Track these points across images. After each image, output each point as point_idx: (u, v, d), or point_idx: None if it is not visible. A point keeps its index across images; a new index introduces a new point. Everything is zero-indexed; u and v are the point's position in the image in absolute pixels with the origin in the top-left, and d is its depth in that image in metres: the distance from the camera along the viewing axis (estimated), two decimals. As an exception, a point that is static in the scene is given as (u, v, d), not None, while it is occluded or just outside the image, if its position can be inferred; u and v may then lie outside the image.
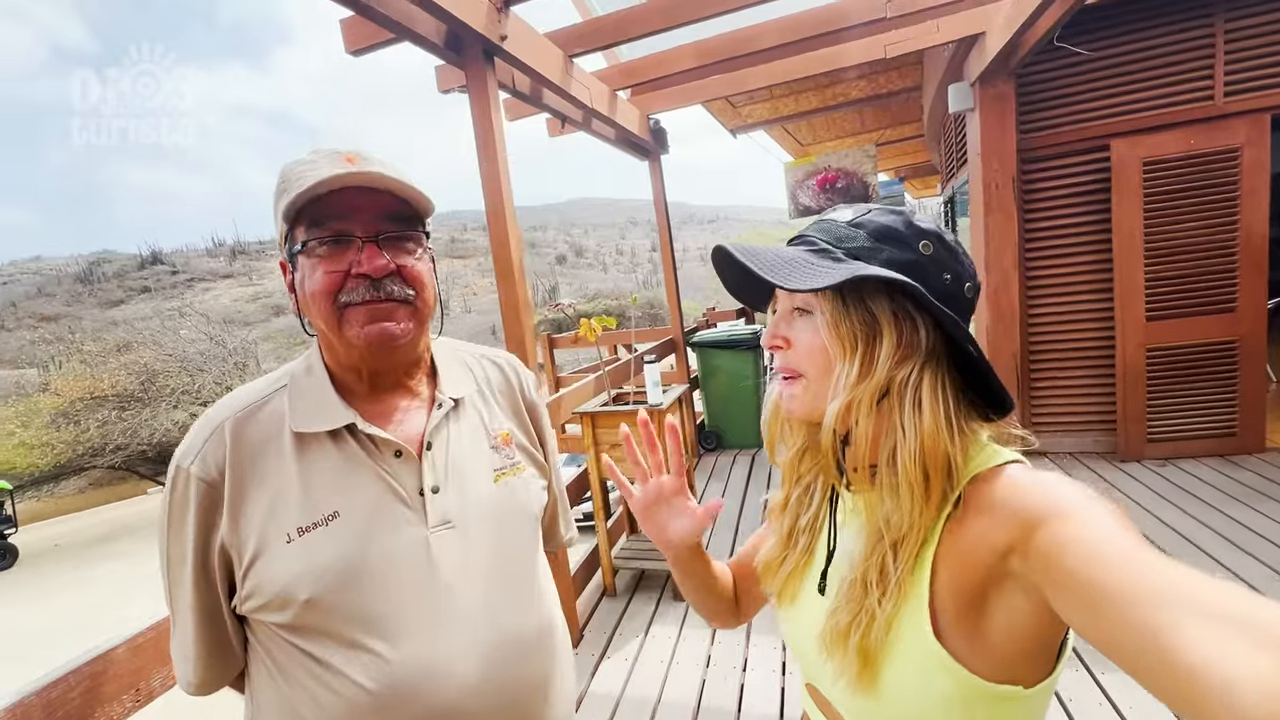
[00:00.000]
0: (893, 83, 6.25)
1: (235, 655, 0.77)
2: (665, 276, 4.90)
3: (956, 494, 0.53)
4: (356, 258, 0.72)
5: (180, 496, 0.72)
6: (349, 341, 0.74)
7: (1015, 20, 2.88)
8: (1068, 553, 0.42)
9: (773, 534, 0.72)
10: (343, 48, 2.43)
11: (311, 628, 0.70)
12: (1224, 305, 3.56)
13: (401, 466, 0.76)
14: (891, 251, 0.56)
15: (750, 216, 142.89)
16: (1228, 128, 3.42)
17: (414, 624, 0.72)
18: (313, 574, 0.69)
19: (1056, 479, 0.49)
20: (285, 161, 0.75)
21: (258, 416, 0.75)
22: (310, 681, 0.71)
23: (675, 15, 2.86)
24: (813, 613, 0.64)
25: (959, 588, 0.51)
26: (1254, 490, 3.25)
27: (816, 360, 0.58)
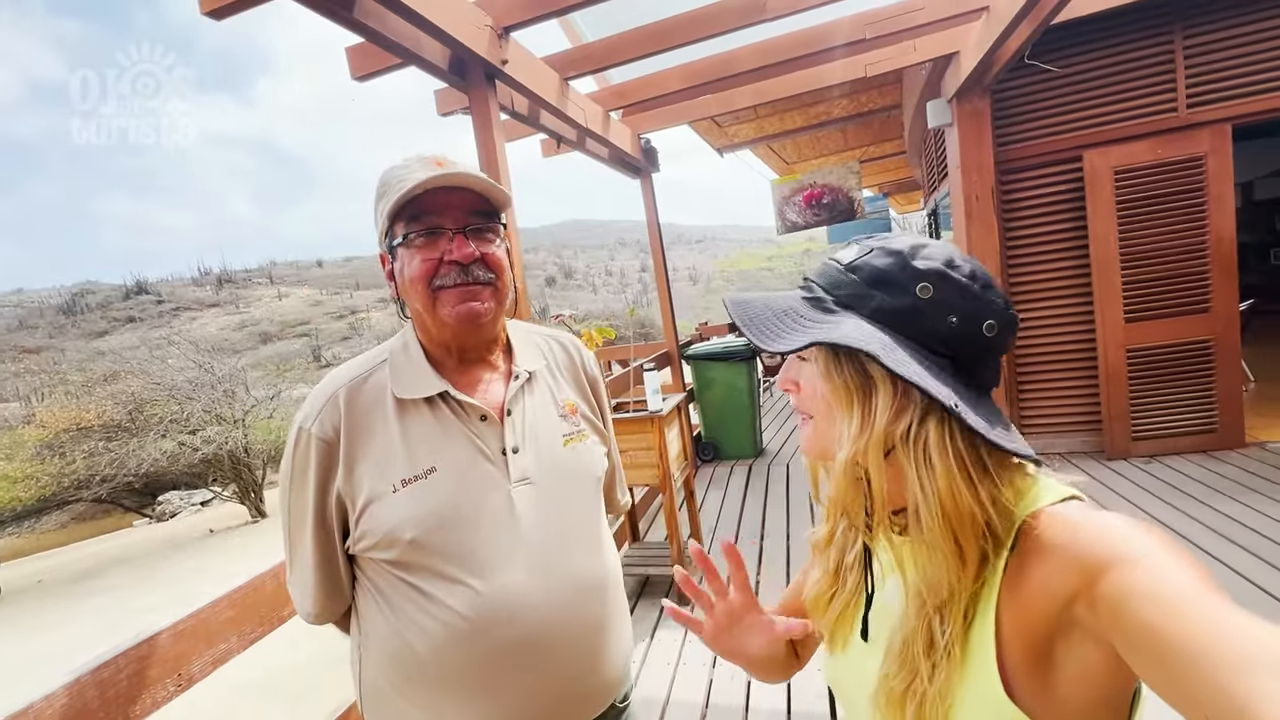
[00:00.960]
0: (873, 101, 6.46)
1: (345, 591, 0.90)
2: (659, 290, 5.00)
3: (1012, 536, 0.51)
4: (448, 247, 0.84)
5: (302, 454, 0.85)
6: (441, 320, 0.86)
7: (986, 40, 3.04)
8: (1137, 603, 0.40)
9: (817, 568, 0.70)
10: (348, 73, 2.53)
11: (415, 564, 0.83)
12: (1198, 306, 3.70)
13: (487, 429, 0.89)
14: (883, 298, 0.54)
15: (737, 236, 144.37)
16: (1192, 137, 3.60)
17: (500, 563, 0.84)
18: (415, 518, 0.82)
19: (1116, 519, 0.46)
20: (383, 169, 0.88)
21: (365, 386, 0.88)
22: (414, 610, 0.83)
23: (663, 40, 3.00)
24: (862, 664, 0.62)
25: (1025, 639, 0.48)
26: (1237, 484, 3.36)
27: (819, 405, 0.58)
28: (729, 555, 0.69)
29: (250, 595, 1.22)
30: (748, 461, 5.11)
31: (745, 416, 5.14)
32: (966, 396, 0.52)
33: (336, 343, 59.08)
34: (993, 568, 0.51)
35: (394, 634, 0.84)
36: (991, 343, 0.53)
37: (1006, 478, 0.52)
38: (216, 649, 1.13)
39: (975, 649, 0.51)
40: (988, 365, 0.55)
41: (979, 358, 0.54)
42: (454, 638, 0.82)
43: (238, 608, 1.19)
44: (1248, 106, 3.54)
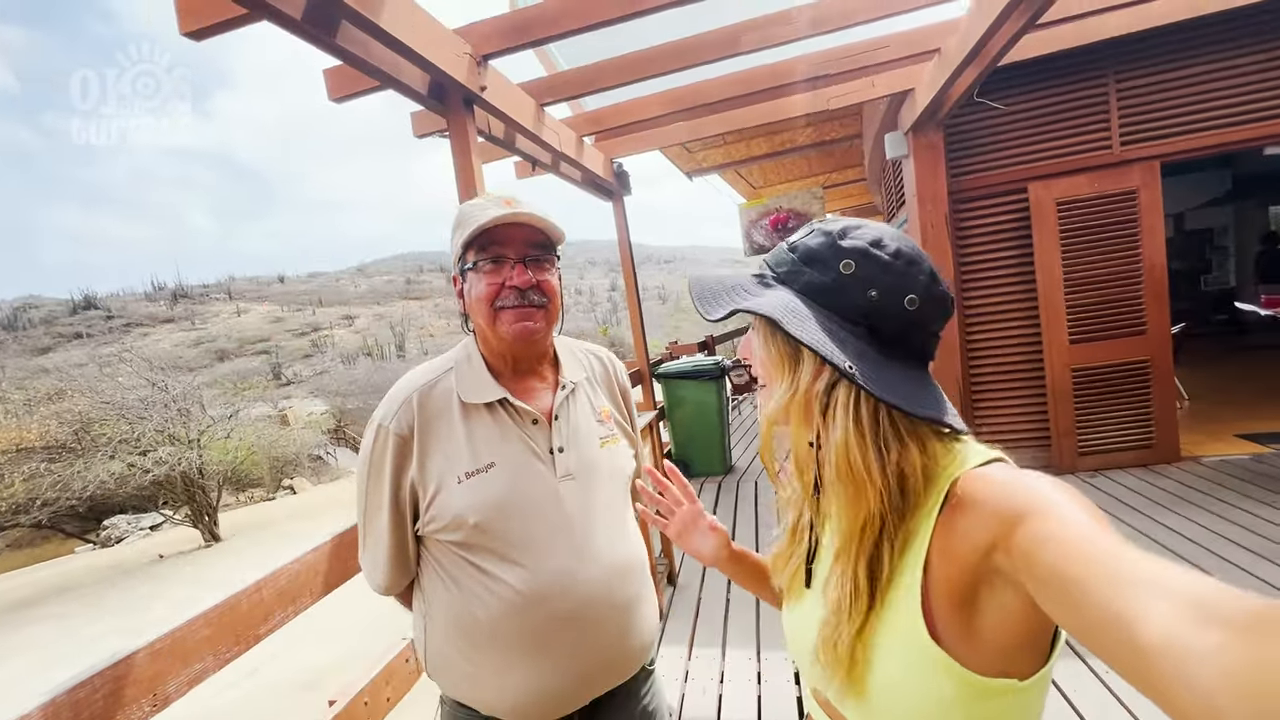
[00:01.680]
0: (835, 131, 6.73)
1: (411, 567, 1.04)
2: (630, 310, 5.08)
3: (941, 496, 0.55)
4: (510, 274, 0.99)
5: (380, 447, 0.99)
6: (500, 335, 1.01)
7: (938, 79, 3.24)
8: (1046, 548, 0.44)
9: (780, 527, 0.78)
10: (326, 94, 2.56)
11: (477, 544, 0.97)
12: (1135, 329, 3.95)
13: (538, 431, 1.04)
14: (812, 274, 0.60)
15: (705, 257, 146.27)
16: (1125, 173, 3.87)
17: (550, 546, 0.99)
18: (478, 505, 0.96)
19: (1036, 476, 0.51)
20: (461, 205, 1.05)
21: (434, 391, 1.02)
22: (475, 585, 0.97)
23: (638, 70, 3.11)
24: (809, 613, 0.68)
25: (951, 586, 0.53)
26: (1174, 496, 3.57)
27: (766, 371, 0.65)
28: (672, 475, 0.94)
29: (226, 614, 1.22)
30: (717, 478, 5.18)
31: (715, 434, 5.22)
32: (879, 364, 0.56)
33: (297, 360, 57.38)
34: (924, 525, 0.55)
35: (458, 604, 0.98)
36: (914, 316, 0.58)
37: (924, 442, 0.57)
38: (192, 668, 1.13)
39: (899, 596, 0.55)
40: (914, 338, 0.59)
41: (903, 330, 0.58)
42: (509, 609, 0.95)
43: (214, 626, 1.19)
44: (1174, 145, 3.83)
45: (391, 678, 1.73)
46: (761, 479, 4.99)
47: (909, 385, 0.57)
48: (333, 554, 1.54)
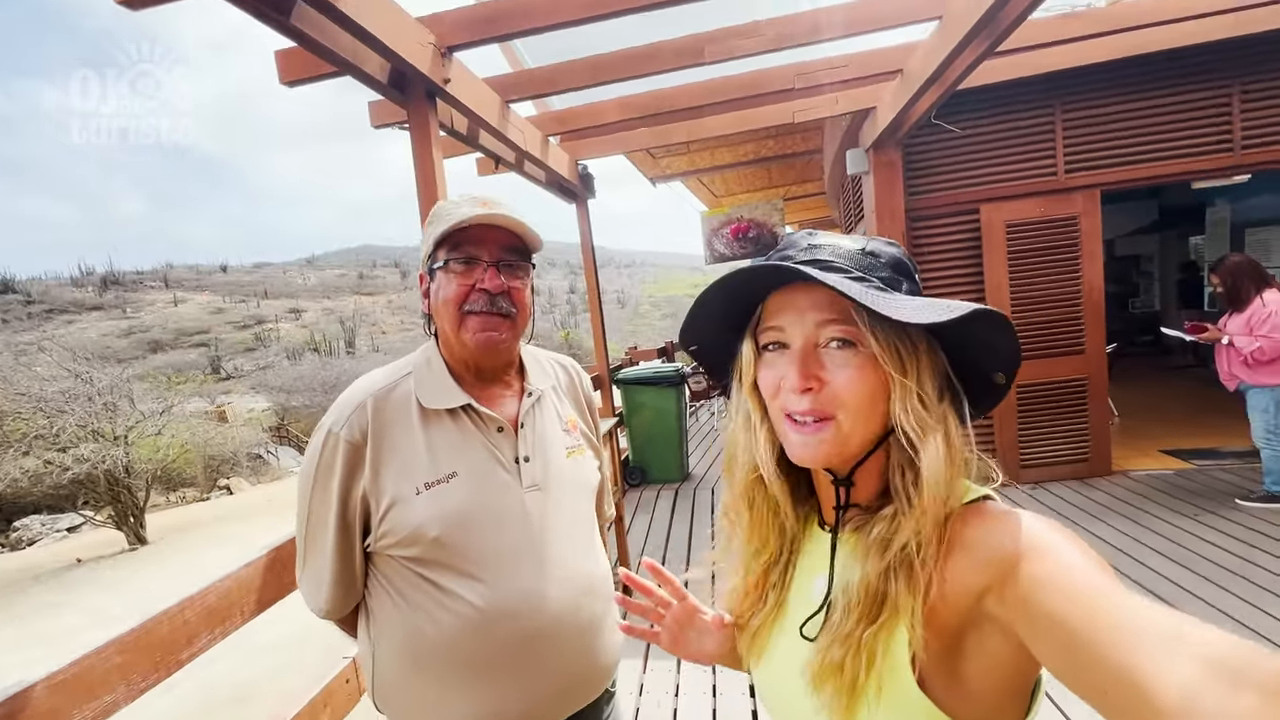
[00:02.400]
0: (797, 145, 6.86)
1: (358, 588, 0.96)
2: (592, 315, 5.02)
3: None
4: (481, 276, 0.94)
5: (329, 455, 0.91)
6: (464, 342, 0.96)
7: (900, 99, 3.33)
8: (1044, 595, 0.42)
9: (737, 591, 0.70)
10: (276, 77, 2.42)
11: (434, 560, 0.90)
12: (1074, 348, 4.15)
13: (503, 440, 0.98)
14: (909, 284, 0.57)
15: (664, 262, 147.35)
16: (1069, 199, 4.06)
17: (515, 561, 0.93)
18: (438, 518, 0.89)
19: (1031, 517, 0.48)
20: (438, 202, 1.01)
21: (391, 396, 0.95)
22: (430, 603, 0.90)
23: (605, 73, 3.08)
24: (790, 656, 0.62)
25: (938, 630, 0.50)
26: (1105, 508, 3.75)
27: (858, 397, 0.53)
28: (654, 573, 0.76)
29: (143, 639, 1.11)
30: (674, 485, 5.17)
31: (673, 440, 5.21)
32: None
33: (239, 354, 54.76)
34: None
35: (407, 624, 0.91)
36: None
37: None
38: (100, 701, 1.02)
39: (896, 636, 0.52)
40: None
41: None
42: (467, 628, 0.90)
43: (128, 653, 1.08)
44: (1113, 175, 4.04)
45: (330, 699, 1.63)
46: (719, 487, 5.01)
47: None
48: (268, 569, 1.43)
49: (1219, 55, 3.77)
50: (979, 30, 2.45)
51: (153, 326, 63.68)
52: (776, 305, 0.57)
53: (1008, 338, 0.53)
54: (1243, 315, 3.40)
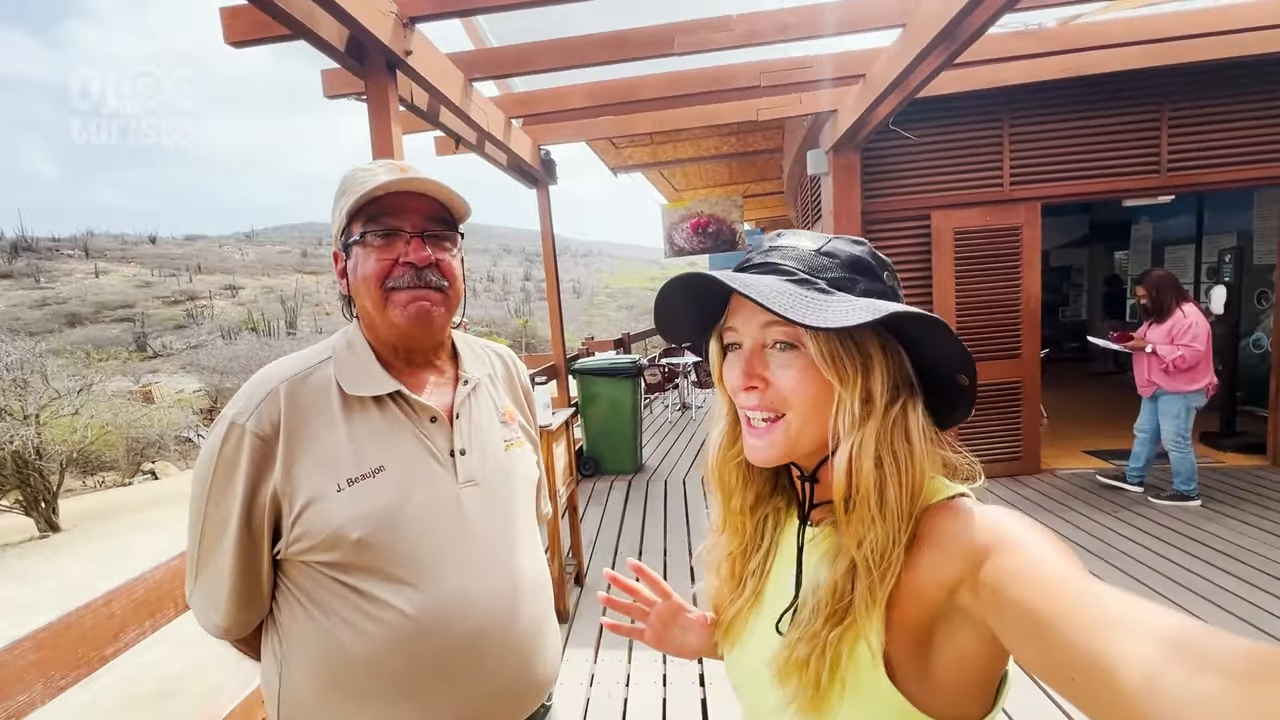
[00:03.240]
0: (758, 143, 6.94)
1: (264, 602, 0.84)
2: (550, 304, 4.96)
3: (912, 523, 0.53)
4: (404, 249, 0.85)
5: (231, 451, 0.79)
6: (391, 321, 0.86)
7: (862, 103, 3.40)
8: (1014, 585, 0.42)
9: (714, 576, 0.71)
10: (222, 37, 2.27)
11: (357, 565, 0.80)
12: (1011, 352, 4.36)
13: (436, 430, 0.89)
14: (866, 283, 0.56)
15: (620, 253, 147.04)
16: (1013, 210, 4.26)
17: (448, 563, 0.84)
18: (362, 517, 0.79)
19: (1002, 512, 0.49)
20: (347, 169, 0.89)
21: (308, 382, 0.84)
22: (352, 613, 0.80)
23: (572, 57, 3.02)
24: (762, 646, 0.63)
25: (909, 625, 0.51)
26: (1035, 505, 3.97)
27: (802, 397, 0.55)
28: (639, 572, 0.79)
29: (64, 633, 1.03)
30: (628, 477, 5.18)
31: (628, 432, 5.21)
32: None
33: (168, 331, 51.56)
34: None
35: (324, 638, 0.81)
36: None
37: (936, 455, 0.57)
38: (14, 700, 0.94)
39: (867, 629, 0.52)
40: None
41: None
42: (396, 638, 0.80)
43: (45, 649, 1.00)
44: (1054, 189, 4.26)
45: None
46: (672, 479, 5.05)
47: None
48: (204, 559, 1.35)
49: (1151, 81, 4.02)
50: (940, 40, 2.52)
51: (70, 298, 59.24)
52: (733, 307, 0.60)
53: (947, 338, 0.54)
54: (1164, 326, 3.65)
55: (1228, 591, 2.79)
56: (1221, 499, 3.86)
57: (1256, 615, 2.59)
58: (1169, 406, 3.72)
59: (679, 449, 6.08)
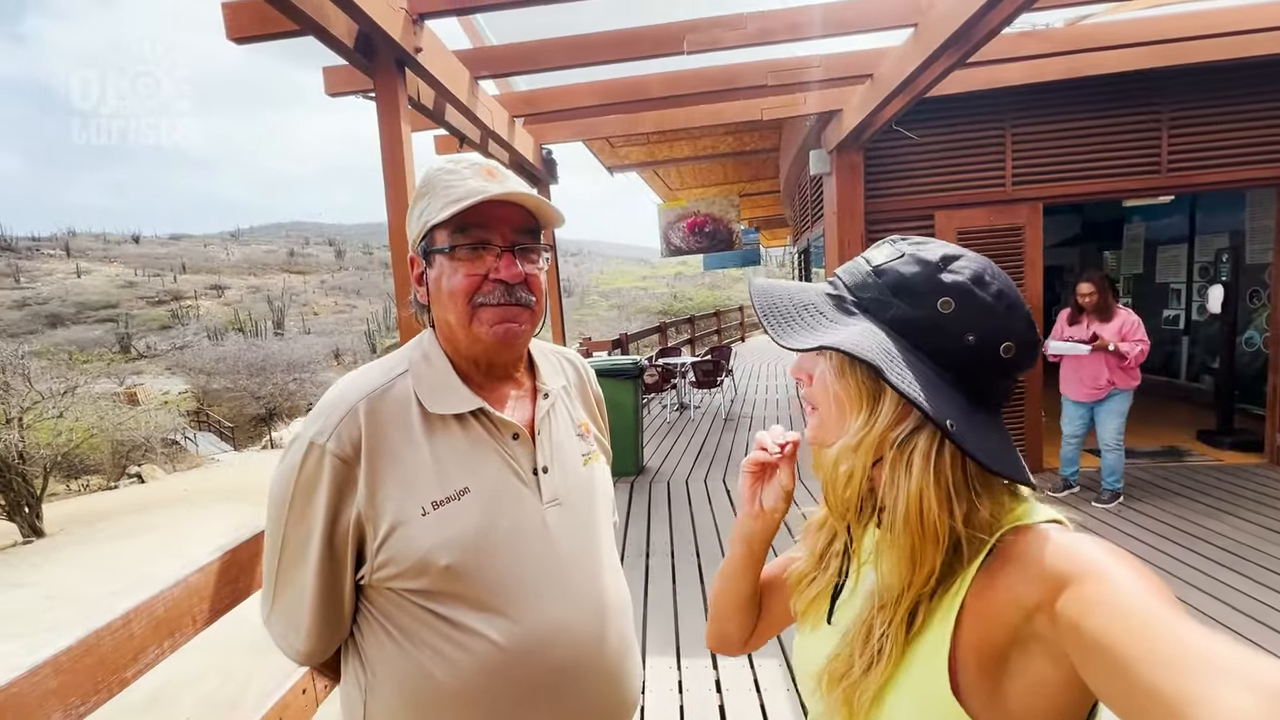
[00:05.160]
0: (755, 142, 6.93)
1: (345, 624, 0.81)
2: (551, 304, 4.91)
3: (988, 548, 0.51)
4: (495, 264, 0.81)
5: (311, 472, 0.76)
6: (476, 337, 0.82)
7: (869, 103, 3.39)
8: (1096, 614, 0.40)
9: (804, 549, 0.73)
10: (224, 32, 2.21)
11: (446, 592, 0.77)
12: (1014, 352, 4.38)
13: (519, 448, 0.85)
14: (902, 307, 0.54)
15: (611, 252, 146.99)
16: (1015, 210, 4.28)
17: (538, 589, 0.81)
18: (450, 543, 0.76)
19: (1089, 539, 0.48)
20: (429, 167, 0.84)
21: (387, 398, 0.80)
22: (441, 642, 0.77)
23: (579, 55, 2.99)
24: (822, 648, 0.63)
25: (982, 643, 0.49)
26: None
27: (826, 399, 0.59)
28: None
29: (83, 658, 0.98)
30: (629, 479, 5.15)
31: (629, 434, 5.18)
32: (968, 413, 0.51)
33: (152, 332, 50.82)
34: (962, 576, 0.52)
35: (412, 668, 0.77)
36: (1006, 364, 0.53)
37: (990, 495, 0.53)
38: (34, 731, 0.89)
39: (925, 649, 0.52)
40: (1000, 386, 0.55)
41: (991, 377, 0.54)
42: (486, 668, 0.77)
43: (65, 675, 0.95)
44: (1055, 189, 4.28)
45: (285, 713, 1.50)
46: (674, 481, 5.02)
47: (994, 438, 0.53)
48: (222, 574, 1.31)
49: (1153, 82, 4.04)
50: (952, 42, 2.51)
51: (51, 299, 58.23)
52: None
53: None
54: (1112, 324, 3.65)
55: (1232, 588, 2.81)
56: (1221, 497, 3.89)
57: (1262, 611, 2.61)
58: (1119, 405, 3.75)
59: (679, 450, 6.05)
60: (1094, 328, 3.70)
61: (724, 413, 7.70)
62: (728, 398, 8.41)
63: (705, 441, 6.30)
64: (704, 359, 8.16)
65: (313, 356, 33.13)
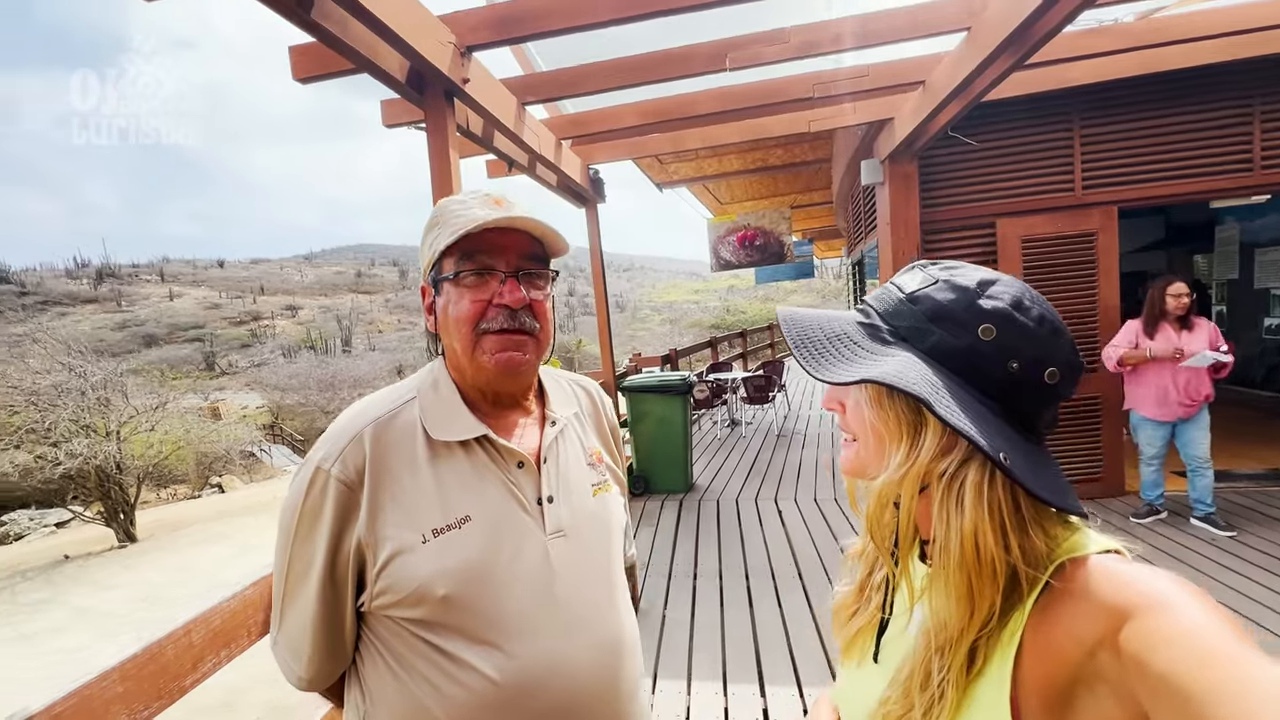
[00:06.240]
0: (806, 153, 6.83)
1: (347, 652, 0.81)
2: (599, 321, 4.97)
3: (1043, 582, 0.49)
4: (499, 289, 0.81)
5: (316, 497, 0.76)
6: (480, 365, 0.82)
7: (922, 111, 3.28)
8: (1160, 652, 0.38)
9: (846, 579, 0.71)
10: (290, 73, 2.36)
11: (442, 623, 0.75)
12: (1089, 366, 4.10)
13: (523, 476, 0.84)
14: (942, 335, 0.53)
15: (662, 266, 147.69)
16: (1086, 215, 4.03)
17: (537, 623, 0.79)
18: (449, 572, 0.75)
19: (1151, 571, 0.45)
20: (441, 201, 0.86)
21: (393, 424, 0.81)
22: (435, 674, 0.75)
23: (623, 77, 3.03)
24: (870, 684, 0.61)
25: (1046, 684, 0.47)
26: (1121, 530, 3.69)
27: (863, 429, 0.57)
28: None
29: (147, 664, 1.04)
30: (678, 496, 5.10)
31: (678, 451, 5.14)
32: (1016, 443, 0.50)
33: (234, 350, 54.50)
34: (1018, 612, 0.49)
35: (407, 698, 0.76)
36: (1051, 391, 0.52)
37: (1043, 526, 0.51)
38: (100, 734, 0.95)
39: (985, 690, 0.50)
40: (1045, 413, 0.53)
41: (1036, 403, 0.52)
42: (480, 704, 0.75)
43: (131, 681, 1.01)
44: (1131, 193, 4.01)
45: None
46: (724, 500, 4.94)
47: (1045, 467, 0.50)
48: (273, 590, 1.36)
49: (1241, 74, 3.74)
50: (1009, 43, 2.41)
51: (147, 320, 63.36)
52: None
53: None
54: (1199, 334, 3.38)
55: (1356, 632, 2.50)
56: (1337, 526, 3.50)
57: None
58: (1207, 420, 3.48)
59: (730, 467, 5.96)
60: (1182, 337, 3.41)
61: (777, 429, 7.54)
62: (780, 414, 8.23)
63: (757, 459, 6.18)
64: (756, 374, 8.03)
65: (377, 373, 34.65)
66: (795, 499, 4.80)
